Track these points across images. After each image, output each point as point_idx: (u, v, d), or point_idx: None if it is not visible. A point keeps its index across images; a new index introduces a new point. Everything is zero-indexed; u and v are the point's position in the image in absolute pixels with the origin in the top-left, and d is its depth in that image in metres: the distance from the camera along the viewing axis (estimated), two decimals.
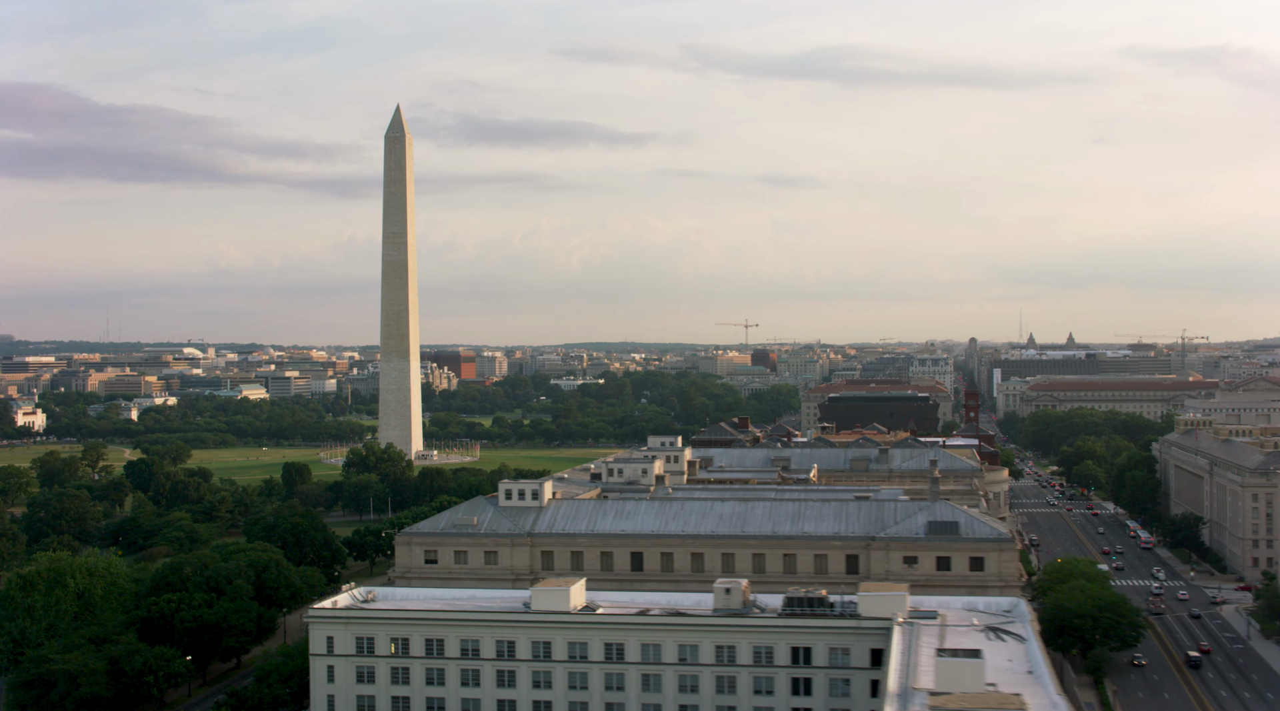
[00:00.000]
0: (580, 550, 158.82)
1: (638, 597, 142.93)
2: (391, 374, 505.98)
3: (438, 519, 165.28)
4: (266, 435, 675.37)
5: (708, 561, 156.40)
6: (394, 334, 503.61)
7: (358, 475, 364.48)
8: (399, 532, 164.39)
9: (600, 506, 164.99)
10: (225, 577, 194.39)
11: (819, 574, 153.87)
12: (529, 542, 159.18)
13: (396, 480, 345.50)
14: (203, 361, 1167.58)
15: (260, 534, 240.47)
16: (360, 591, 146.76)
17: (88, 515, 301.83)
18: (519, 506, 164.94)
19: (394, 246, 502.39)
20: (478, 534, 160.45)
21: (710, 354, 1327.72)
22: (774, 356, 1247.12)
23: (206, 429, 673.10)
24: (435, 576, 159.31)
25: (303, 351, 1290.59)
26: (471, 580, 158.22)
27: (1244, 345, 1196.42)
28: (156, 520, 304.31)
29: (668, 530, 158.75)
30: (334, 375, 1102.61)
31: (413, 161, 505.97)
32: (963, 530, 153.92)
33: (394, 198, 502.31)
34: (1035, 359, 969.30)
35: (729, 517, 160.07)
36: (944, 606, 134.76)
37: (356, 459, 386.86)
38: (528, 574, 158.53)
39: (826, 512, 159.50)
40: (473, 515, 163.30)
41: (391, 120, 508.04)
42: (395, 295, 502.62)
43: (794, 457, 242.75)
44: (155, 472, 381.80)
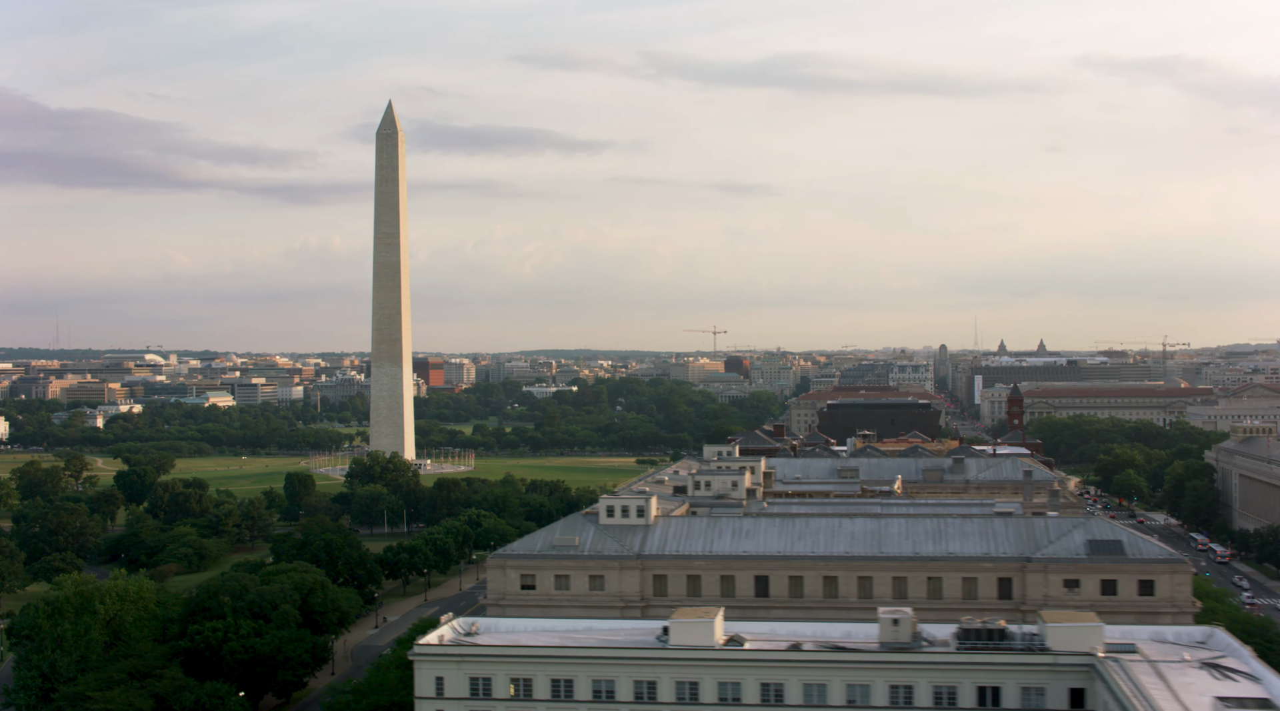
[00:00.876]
0: (697, 574, 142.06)
1: (778, 628, 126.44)
2: (383, 380, 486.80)
3: (532, 539, 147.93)
4: (242, 443, 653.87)
5: (842, 586, 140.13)
6: (386, 338, 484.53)
7: (363, 486, 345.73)
8: (491, 555, 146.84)
9: (714, 524, 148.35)
10: (269, 602, 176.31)
11: (968, 599, 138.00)
12: (639, 565, 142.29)
13: (408, 492, 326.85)
14: (165, 368, 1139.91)
15: (291, 551, 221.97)
16: (461, 622, 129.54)
17: (86, 530, 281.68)
18: (623, 524, 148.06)
19: (386, 247, 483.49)
20: (581, 556, 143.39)
21: (681, 361, 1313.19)
22: (746, 363, 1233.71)
23: (180, 437, 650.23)
24: (533, 603, 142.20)
25: (267, 358, 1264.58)
26: (574, 608, 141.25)
27: (1214, 351, 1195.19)
28: (160, 535, 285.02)
29: (796, 551, 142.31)
30: (300, 382, 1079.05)
31: (404, 159, 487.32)
32: (1128, 549, 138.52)
33: (386, 197, 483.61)
34: (1015, 366, 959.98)
35: (862, 536, 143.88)
36: (1128, 637, 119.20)
37: (359, 469, 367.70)
38: (638, 601, 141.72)
39: (970, 530, 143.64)
40: (573, 535, 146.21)
41: (383, 117, 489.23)
42: (387, 298, 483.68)
43: (862, 468, 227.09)
44: (148, 484, 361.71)
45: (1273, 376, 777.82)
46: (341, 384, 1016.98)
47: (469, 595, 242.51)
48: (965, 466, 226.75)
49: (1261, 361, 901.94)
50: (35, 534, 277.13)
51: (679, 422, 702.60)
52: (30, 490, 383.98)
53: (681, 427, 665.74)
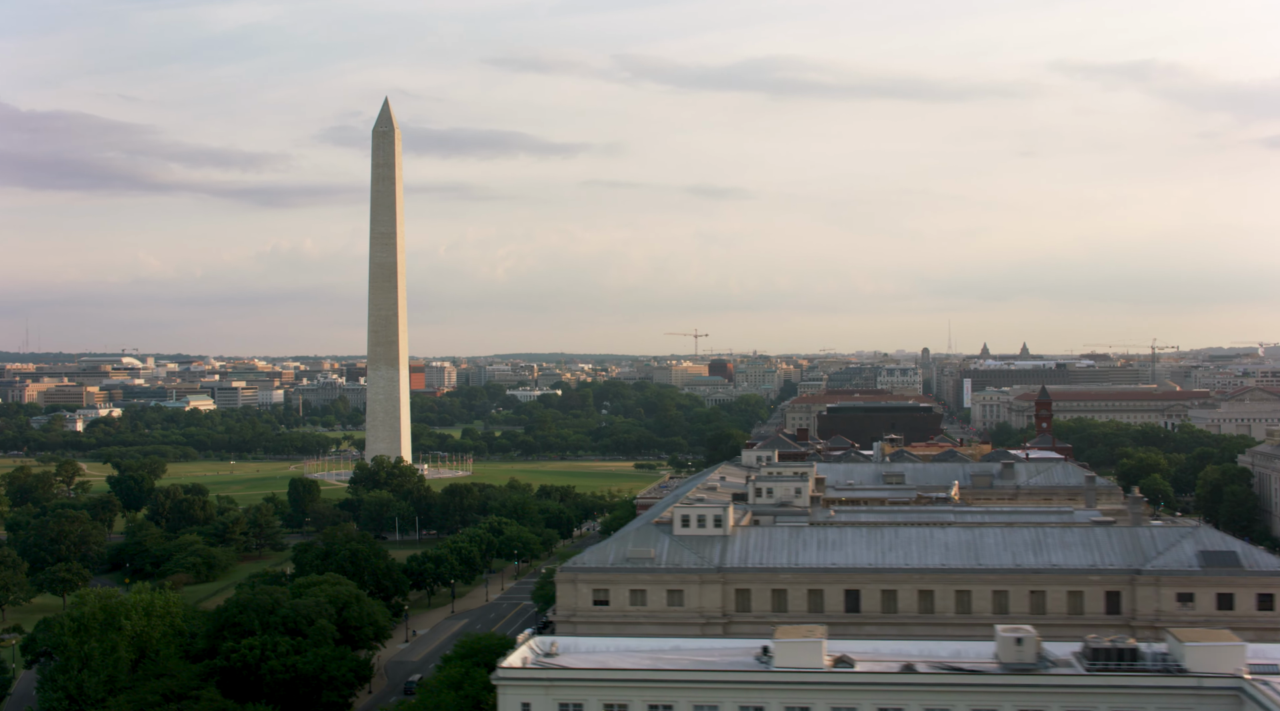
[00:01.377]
0: (783, 588, 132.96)
1: (880, 647, 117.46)
2: (380, 383, 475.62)
3: (602, 550, 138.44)
4: (227, 448, 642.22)
5: (938, 600, 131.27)
6: (382, 340, 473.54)
7: (368, 492, 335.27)
8: (560, 568, 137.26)
9: (797, 535, 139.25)
10: (304, 617, 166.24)
11: (1073, 614, 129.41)
12: (720, 579, 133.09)
13: (418, 498, 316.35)
14: (143, 371, 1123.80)
15: (315, 562, 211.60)
16: (538, 642, 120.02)
17: (89, 538, 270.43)
18: (699, 535, 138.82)
19: (382, 248, 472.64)
20: (657, 569, 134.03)
21: (664, 364, 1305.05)
22: (730, 366, 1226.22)
23: (165, 441, 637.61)
24: (606, 620, 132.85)
25: (245, 362, 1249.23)
26: (651, 624, 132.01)
27: (1198, 354, 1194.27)
28: (164, 543, 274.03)
29: (888, 563, 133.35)
30: (280, 386, 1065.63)
31: (401, 158, 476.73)
32: (1243, 561, 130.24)
33: (382, 196, 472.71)
34: (1004, 369, 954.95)
35: (958, 547, 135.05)
36: (1259, 657, 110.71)
37: (364, 474, 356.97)
38: (719, 617, 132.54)
39: (1073, 540, 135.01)
40: (648, 546, 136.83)
41: (379, 115, 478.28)
42: (384, 300, 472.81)
43: (907, 473, 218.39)
44: (145, 490, 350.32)
45: (1264, 379, 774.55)
46: (323, 387, 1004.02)
47: (496, 606, 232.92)
48: (1015, 471, 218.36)
49: (1250, 365, 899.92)
50: (36, 542, 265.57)
51: (669, 426, 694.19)
52: (20, 496, 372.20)
53: (673, 431, 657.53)
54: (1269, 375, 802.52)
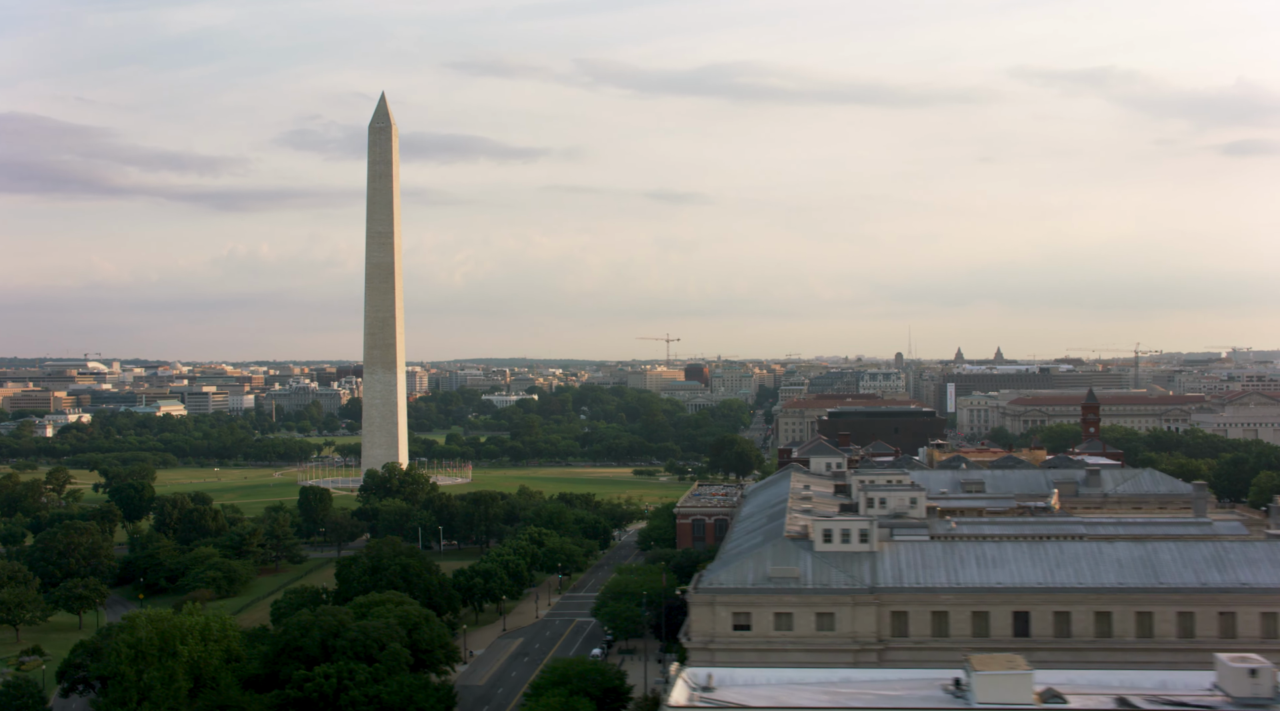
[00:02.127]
0: (944, 610, 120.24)
1: (1075, 678, 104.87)
2: (376, 387, 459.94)
3: (739, 569, 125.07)
4: (207, 454, 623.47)
5: (1117, 622, 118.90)
6: (379, 343, 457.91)
7: (379, 501, 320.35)
8: (696, 588, 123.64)
9: (951, 550, 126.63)
10: (375, 640, 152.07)
11: (1267, 638, 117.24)
12: (875, 600, 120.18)
13: (441, 508, 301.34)
14: (109, 376, 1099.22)
15: (361, 577, 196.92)
16: (693, 674, 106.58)
17: (100, 550, 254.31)
18: (845, 551, 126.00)
19: (379, 247, 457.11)
20: (804, 590, 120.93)
21: (639, 369, 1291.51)
22: (706, 371, 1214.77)
23: (142, 448, 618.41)
24: (748, 647, 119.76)
25: (214, 367, 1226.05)
26: (798, 651, 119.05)
27: (1172, 358, 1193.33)
28: (179, 556, 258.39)
29: (1059, 581, 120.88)
30: (251, 390, 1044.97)
31: (398, 154, 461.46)
32: None
33: (379, 194, 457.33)
34: (986, 374, 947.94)
35: (1132, 564, 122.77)
36: None
37: (375, 482, 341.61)
38: (874, 643, 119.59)
39: (1258, 556, 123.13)
40: (790, 564, 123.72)
41: (376, 109, 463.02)
42: (380, 301, 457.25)
43: (987, 481, 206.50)
44: (146, 499, 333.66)
45: (1250, 383, 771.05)
46: (296, 392, 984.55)
47: (549, 623, 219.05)
48: (1101, 479, 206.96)
49: (1233, 369, 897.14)
50: (42, 555, 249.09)
51: (657, 432, 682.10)
52: (9, 506, 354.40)
53: (662, 437, 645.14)
54: (1255, 380, 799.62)
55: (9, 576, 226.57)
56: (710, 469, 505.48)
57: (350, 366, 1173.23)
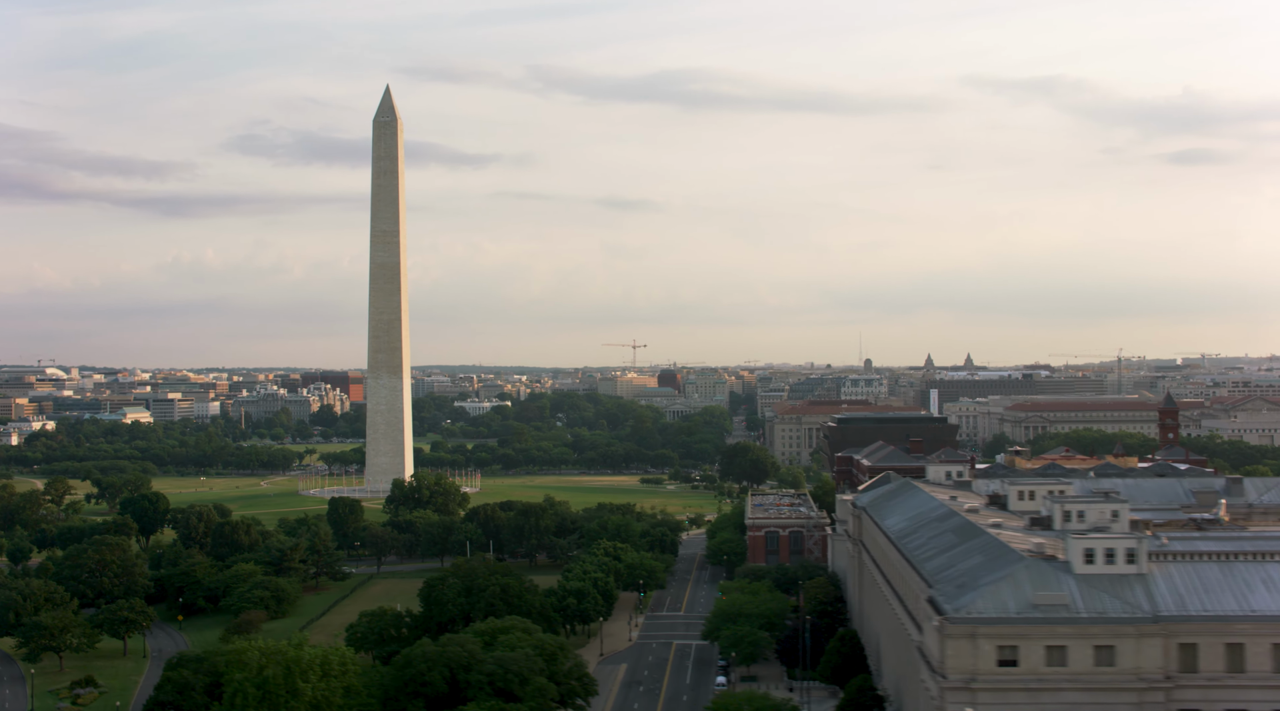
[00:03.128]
0: (1239, 642, 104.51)
1: None
2: (381, 392, 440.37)
3: (995, 594, 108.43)
4: (186, 463, 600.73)
5: None
6: (384, 346, 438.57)
7: (411, 513, 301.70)
8: (949, 618, 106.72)
9: (1230, 572, 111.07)
10: (516, 674, 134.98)
11: None
12: (1160, 631, 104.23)
13: (485, 520, 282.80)
14: (68, 383, 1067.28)
15: (456, 598, 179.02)
16: None
17: (134, 568, 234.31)
18: (1110, 573, 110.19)
19: (383, 247, 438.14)
20: (1079, 619, 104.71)
21: (609, 376, 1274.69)
22: (679, 378, 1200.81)
23: (119, 456, 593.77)
24: (1017, 686, 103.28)
25: (176, 373, 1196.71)
26: (1074, 690, 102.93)
27: (1142, 364, 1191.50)
28: (218, 574, 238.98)
29: None
30: (216, 397, 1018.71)
31: (403, 150, 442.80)
32: None
33: (384, 191, 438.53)
34: (969, 379, 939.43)
35: None
36: None
37: (403, 493, 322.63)
38: (1160, 681, 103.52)
39: None
40: (1053, 588, 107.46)
41: (380, 103, 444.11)
42: (385, 302, 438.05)
43: (1121, 490, 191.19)
44: (161, 511, 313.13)
45: (1234, 389, 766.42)
46: (264, 399, 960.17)
47: (645, 646, 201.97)
48: (1244, 488, 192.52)
49: (1218, 375, 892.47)
50: (71, 573, 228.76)
51: (646, 439, 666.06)
52: (7, 518, 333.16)
53: (651, 444, 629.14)
54: (1241, 385, 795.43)
55: (45, 597, 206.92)
56: (721, 477, 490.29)
57: (317, 373, 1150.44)
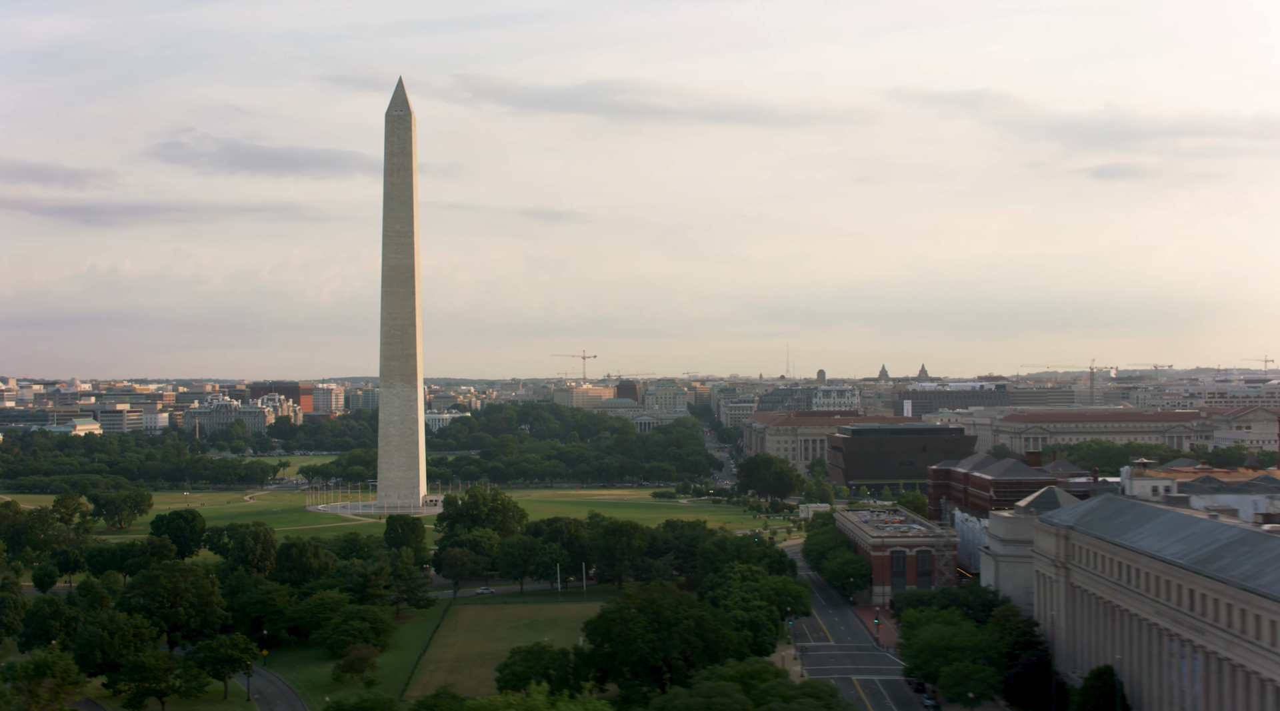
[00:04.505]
0: None
1: None
2: (394, 402, 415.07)
3: None
4: (157, 476, 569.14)
5: None
6: (397, 354, 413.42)
7: (469, 532, 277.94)
8: None
9: None
10: None
11: None
12: None
13: (570, 540, 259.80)
14: (7, 393, 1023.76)
15: (644, 636, 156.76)
16: None
17: (210, 598, 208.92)
18: None
19: (397, 248, 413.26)
20: None
21: (564, 386, 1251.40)
22: (638, 388, 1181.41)
23: (88, 470, 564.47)
24: None
25: (117, 384, 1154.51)
26: None
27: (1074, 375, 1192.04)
28: (299, 604, 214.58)
29: None
30: (164, 408, 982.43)
31: (417, 146, 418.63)
32: None
33: (397, 190, 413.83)
34: (941, 390, 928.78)
35: None
36: None
37: (459, 510, 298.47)
38: None
39: None
40: None
41: (393, 96, 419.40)
42: (399, 307, 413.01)
43: None
44: (198, 531, 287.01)
45: (1211, 401, 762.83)
46: (218, 410, 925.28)
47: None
48: None
49: (1190, 387, 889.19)
50: (142, 604, 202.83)
51: (630, 450, 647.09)
52: (13, 539, 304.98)
53: (644, 456, 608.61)
54: (1218, 396, 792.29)
55: (134, 633, 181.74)
56: (740, 490, 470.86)
57: (266, 385, 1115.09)
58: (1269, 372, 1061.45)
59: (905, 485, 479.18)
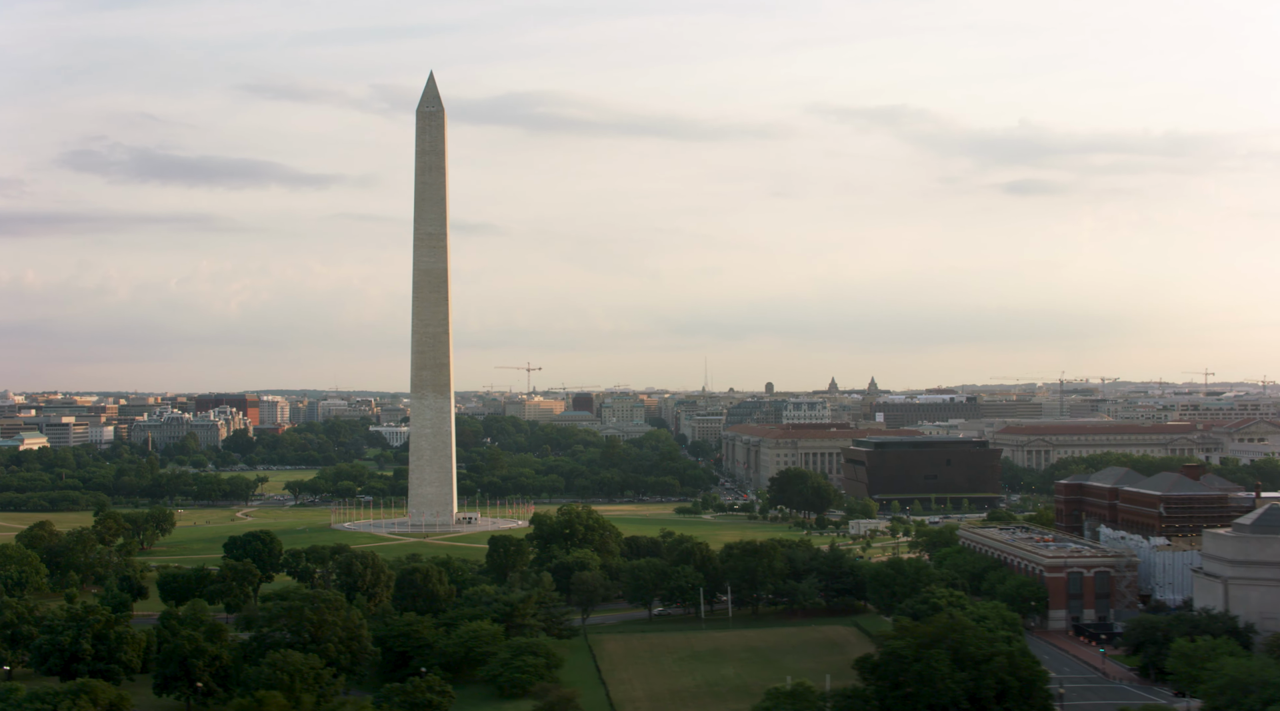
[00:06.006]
0: None
1: None
2: (426, 414, 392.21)
3: None
4: (137, 493, 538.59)
5: None
6: (429, 363, 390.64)
7: (568, 553, 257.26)
8: None
9: None
10: None
11: None
12: None
13: (702, 562, 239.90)
14: None
15: (952, 674, 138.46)
16: None
17: (361, 631, 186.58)
18: None
19: (429, 252, 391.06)
20: None
21: (516, 399, 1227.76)
22: (594, 401, 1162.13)
23: (63, 486, 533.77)
24: None
25: (49, 396, 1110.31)
26: None
27: (1041, 387, 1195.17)
28: (448, 635, 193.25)
29: None
30: (108, 421, 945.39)
31: (449, 144, 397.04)
32: None
33: (429, 189, 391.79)
34: (909, 403, 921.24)
35: None
36: None
37: (549, 528, 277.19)
38: None
39: None
40: None
41: (424, 92, 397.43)
42: (431, 314, 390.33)
43: None
44: (276, 554, 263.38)
45: (1183, 414, 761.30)
46: (170, 423, 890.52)
47: None
48: None
49: (1160, 399, 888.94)
50: (289, 640, 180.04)
51: (619, 463, 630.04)
52: (53, 563, 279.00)
53: (626, 469, 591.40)
54: (1190, 409, 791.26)
55: (313, 677, 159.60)
56: (771, 504, 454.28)
57: (211, 398, 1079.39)
58: (1218, 386, 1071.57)
59: (937, 500, 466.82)
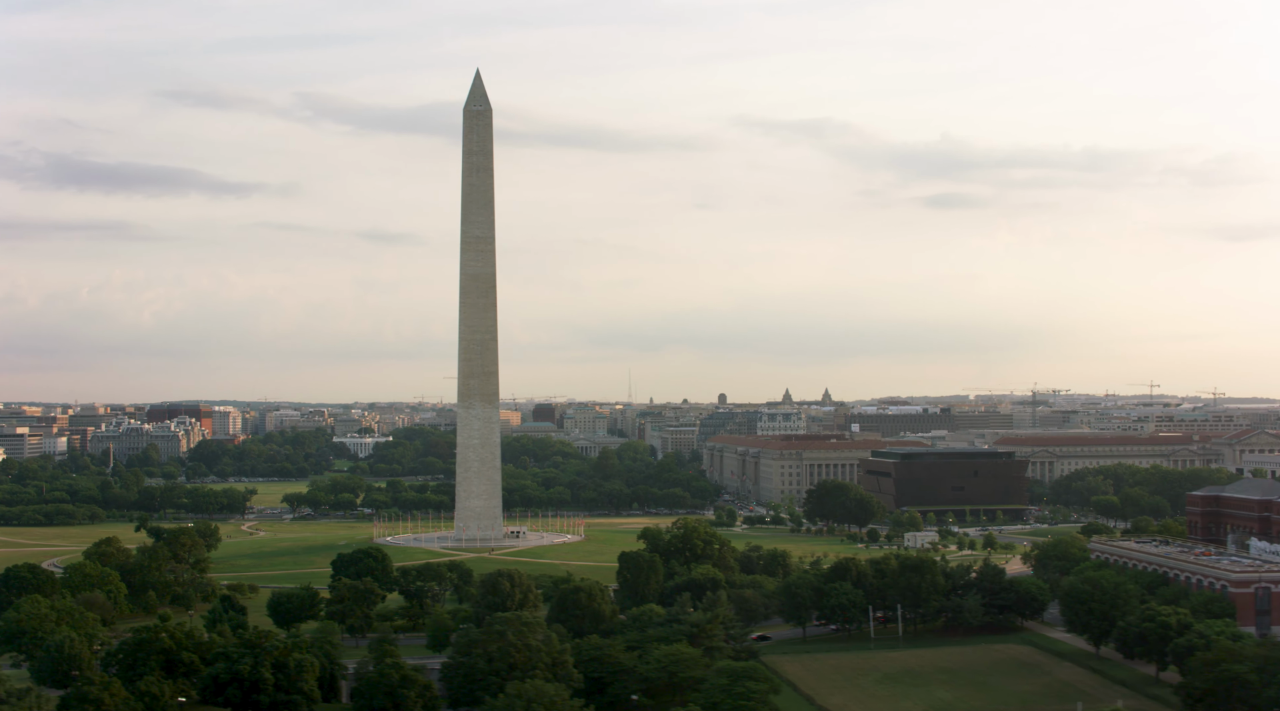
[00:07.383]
0: None
1: None
2: (474, 424, 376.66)
3: None
4: (127, 506, 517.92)
5: None
6: (477, 371, 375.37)
7: (693, 570, 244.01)
8: None
9: None
10: None
11: None
12: None
13: (859, 578, 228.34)
14: None
15: None
16: None
17: (563, 657, 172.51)
18: None
19: (476, 256, 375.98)
20: None
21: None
22: (557, 412, 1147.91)
23: (52, 499, 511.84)
24: None
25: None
26: None
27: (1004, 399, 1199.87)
28: (644, 661, 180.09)
29: None
30: (60, 432, 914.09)
31: (494, 144, 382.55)
32: None
33: (476, 191, 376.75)
34: (883, 414, 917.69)
35: None
36: None
37: (665, 543, 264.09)
38: None
39: None
40: None
41: (471, 90, 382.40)
42: (478, 320, 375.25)
43: None
44: (389, 572, 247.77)
45: (1162, 425, 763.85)
46: (129, 434, 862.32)
47: None
48: None
49: (1133, 410, 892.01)
50: (486, 672, 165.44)
51: (615, 475, 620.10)
52: (129, 582, 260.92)
53: (619, 481, 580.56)
54: (1165, 420, 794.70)
55: (562, 706, 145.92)
56: (807, 517, 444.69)
57: (164, 408, 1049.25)
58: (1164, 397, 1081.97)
59: (970, 512, 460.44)
